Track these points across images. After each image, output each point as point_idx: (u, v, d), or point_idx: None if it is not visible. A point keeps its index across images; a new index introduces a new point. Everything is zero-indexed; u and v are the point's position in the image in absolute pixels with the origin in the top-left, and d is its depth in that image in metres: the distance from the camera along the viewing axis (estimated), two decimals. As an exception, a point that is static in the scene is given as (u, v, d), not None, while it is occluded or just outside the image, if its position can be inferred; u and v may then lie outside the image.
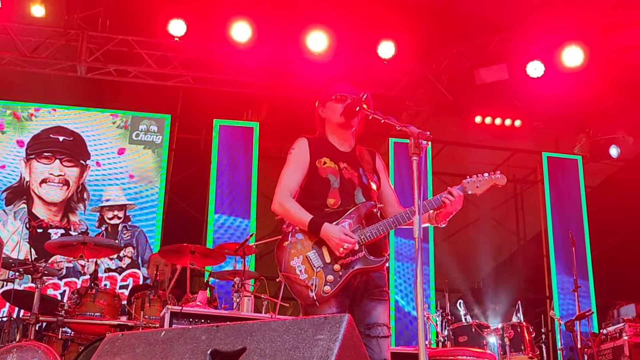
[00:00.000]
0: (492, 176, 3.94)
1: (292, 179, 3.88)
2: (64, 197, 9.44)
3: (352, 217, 3.76)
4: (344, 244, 3.65)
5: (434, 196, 3.79)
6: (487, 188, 3.91)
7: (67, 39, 9.47)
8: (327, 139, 3.98)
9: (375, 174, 3.98)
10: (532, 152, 11.25)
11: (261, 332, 2.74)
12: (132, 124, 9.89)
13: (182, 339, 2.86)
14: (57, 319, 6.02)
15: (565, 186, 10.79)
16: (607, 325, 8.08)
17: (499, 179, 3.95)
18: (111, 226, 9.44)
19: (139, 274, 9.26)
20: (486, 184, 3.91)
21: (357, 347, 2.72)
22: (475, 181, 3.90)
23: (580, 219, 10.55)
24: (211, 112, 10.08)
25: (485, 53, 9.79)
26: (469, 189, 3.88)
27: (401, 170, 10.01)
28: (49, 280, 8.55)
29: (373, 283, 3.75)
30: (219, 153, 9.85)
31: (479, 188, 3.90)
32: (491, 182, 3.93)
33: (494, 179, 3.94)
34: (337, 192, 3.81)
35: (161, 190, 9.73)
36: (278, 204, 3.84)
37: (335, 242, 3.66)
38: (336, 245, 3.66)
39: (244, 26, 9.19)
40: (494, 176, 3.94)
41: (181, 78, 9.88)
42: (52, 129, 9.66)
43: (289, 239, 3.79)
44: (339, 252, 3.66)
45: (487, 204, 11.78)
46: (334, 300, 3.65)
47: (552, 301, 10.19)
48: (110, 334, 3.17)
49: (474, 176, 3.91)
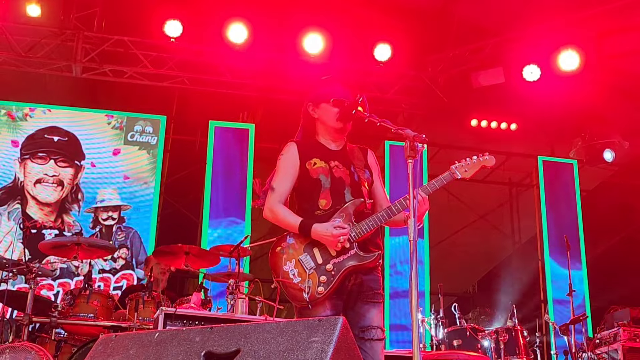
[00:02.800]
0: (480, 158, 3.91)
1: (282, 185, 3.88)
2: (58, 198, 9.41)
3: (342, 215, 3.75)
4: (340, 237, 3.64)
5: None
6: (475, 171, 3.88)
7: (62, 39, 9.44)
8: (317, 140, 3.97)
9: (367, 169, 3.97)
10: (528, 155, 11.25)
11: (255, 334, 2.73)
12: (127, 124, 9.86)
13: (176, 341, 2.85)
14: (50, 319, 5.99)
15: (560, 190, 10.80)
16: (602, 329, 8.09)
17: (487, 160, 3.92)
18: (105, 227, 9.42)
19: (133, 275, 9.23)
20: (474, 167, 3.88)
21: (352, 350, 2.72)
22: (464, 165, 3.88)
23: (575, 223, 10.56)
24: (207, 114, 10.07)
25: (481, 57, 9.80)
26: (458, 173, 3.86)
27: (397, 173, 10.02)
28: (42, 281, 8.52)
29: (367, 285, 3.75)
30: (214, 155, 9.83)
31: (468, 172, 3.86)
32: (479, 165, 3.90)
33: (482, 160, 3.90)
34: (328, 193, 3.81)
35: (156, 192, 9.71)
36: (268, 210, 3.85)
37: (329, 239, 3.66)
38: (331, 241, 3.66)
39: (240, 28, 9.18)
40: (482, 158, 3.91)
41: (177, 79, 9.85)
42: (46, 129, 9.63)
43: (281, 244, 3.80)
44: (337, 247, 3.65)
45: (483, 207, 11.79)
46: (328, 302, 3.64)
47: (547, 305, 10.20)
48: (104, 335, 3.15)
49: (462, 160, 3.89)
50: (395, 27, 9.26)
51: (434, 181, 3.81)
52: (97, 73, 9.69)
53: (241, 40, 9.22)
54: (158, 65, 9.69)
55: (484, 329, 6.88)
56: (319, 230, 3.68)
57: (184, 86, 9.96)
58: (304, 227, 3.71)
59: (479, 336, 6.70)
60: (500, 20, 9.27)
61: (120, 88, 9.99)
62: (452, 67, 10.05)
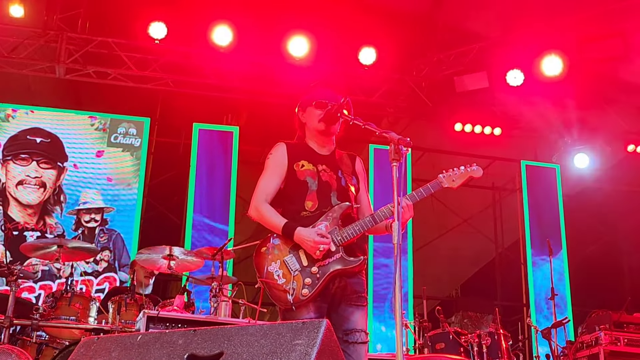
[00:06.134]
0: (467, 169, 3.92)
1: (269, 184, 3.88)
2: (40, 199, 9.34)
3: (329, 218, 3.76)
4: (320, 246, 3.65)
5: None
6: (463, 181, 3.89)
7: (46, 39, 9.39)
8: (307, 144, 3.98)
9: (355, 176, 3.99)
10: (511, 160, 11.31)
11: (239, 336, 2.72)
12: (111, 126, 9.80)
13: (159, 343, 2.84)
14: (31, 322, 5.93)
15: (543, 194, 10.86)
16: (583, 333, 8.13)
17: (475, 170, 3.93)
18: (88, 229, 9.35)
19: (115, 277, 9.18)
20: (462, 177, 3.90)
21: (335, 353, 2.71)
22: (452, 175, 3.89)
23: (557, 227, 10.63)
24: (191, 116, 10.04)
25: (465, 61, 9.85)
26: (445, 182, 3.88)
27: (381, 177, 10.03)
28: (24, 283, 8.44)
29: (351, 289, 3.75)
30: (198, 157, 9.80)
31: (455, 181, 3.88)
32: (467, 175, 3.91)
33: (470, 171, 3.92)
34: (314, 195, 3.81)
35: (139, 194, 9.66)
36: (254, 208, 3.85)
37: (310, 245, 3.66)
38: (311, 248, 3.66)
39: (225, 30, 9.17)
40: (470, 168, 3.93)
41: (161, 81, 9.82)
42: (29, 130, 9.55)
43: (267, 244, 3.79)
44: (316, 255, 3.66)
45: (466, 212, 11.83)
46: (312, 305, 3.64)
47: (529, 309, 10.25)
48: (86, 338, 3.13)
49: (450, 170, 3.90)
50: (380, 31, 9.29)
51: (421, 189, 3.83)
52: (81, 74, 9.63)
53: (226, 42, 9.20)
54: (142, 67, 9.65)
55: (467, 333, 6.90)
56: (303, 233, 3.68)
57: (168, 88, 9.92)
58: (288, 229, 3.71)
59: (462, 340, 6.72)
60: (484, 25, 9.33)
61: (104, 90, 9.94)
62: (437, 71, 10.10)
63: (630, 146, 10.90)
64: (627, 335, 7.77)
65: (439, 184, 3.87)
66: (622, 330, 7.82)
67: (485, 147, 10.77)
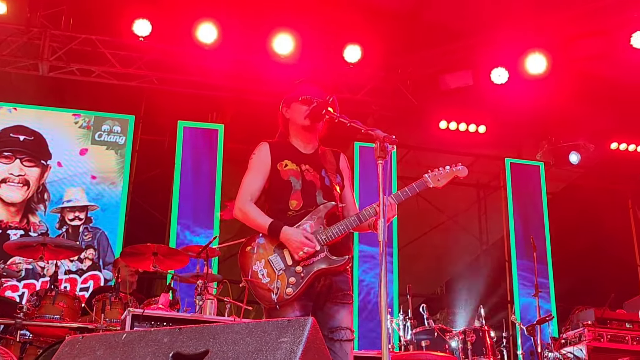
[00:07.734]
0: (453, 168, 3.95)
1: (252, 184, 3.88)
2: (23, 198, 9.27)
3: (313, 218, 3.76)
4: (304, 248, 3.65)
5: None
6: (448, 181, 3.92)
7: (29, 37, 9.32)
8: (290, 142, 3.98)
9: (339, 174, 3.98)
10: (496, 157, 11.36)
11: (224, 334, 2.71)
12: (95, 124, 9.75)
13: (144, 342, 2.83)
14: (15, 321, 5.90)
15: (527, 192, 10.92)
16: (567, 329, 8.19)
17: (460, 170, 3.95)
18: (72, 227, 9.30)
19: (100, 276, 9.13)
20: (447, 177, 3.92)
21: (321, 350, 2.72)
22: (437, 174, 3.91)
23: (541, 225, 10.69)
24: (175, 114, 9.99)
25: (450, 59, 9.87)
26: (431, 182, 3.89)
27: (367, 174, 10.04)
28: (7, 282, 8.38)
29: (336, 287, 3.75)
30: (183, 155, 9.77)
31: (440, 181, 3.91)
32: (452, 174, 3.94)
33: (455, 170, 3.94)
34: (299, 194, 3.81)
35: (124, 192, 9.61)
36: (238, 209, 3.85)
37: (295, 245, 3.66)
38: (295, 248, 3.66)
39: (209, 27, 9.13)
40: (455, 168, 3.95)
41: (145, 78, 9.78)
42: (12, 128, 9.48)
43: (252, 243, 3.79)
44: (298, 256, 3.66)
45: (451, 209, 11.87)
46: (297, 303, 3.64)
47: (514, 305, 10.30)
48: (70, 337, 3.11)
49: (435, 169, 3.93)
50: (365, 29, 9.29)
51: (407, 189, 3.83)
52: (65, 72, 9.57)
53: (211, 40, 9.17)
54: (126, 65, 9.60)
55: (452, 330, 6.93)
56: (289, 233, 3.68)
57: (152, 86, 9.88)
58: (274, 229, 3.71)
59: (446, 336, 6.75)
60: (469, 23, 9.35)
61: (87, 87, 9.88)
62: (421, 69, 10.13)
63: (613, 144, 10.98)
64: (610, 332, 7.82)
65: (424, 184, 3.88)
66: (605, 326, 7.87)
67: (469, 144, 10.81)
